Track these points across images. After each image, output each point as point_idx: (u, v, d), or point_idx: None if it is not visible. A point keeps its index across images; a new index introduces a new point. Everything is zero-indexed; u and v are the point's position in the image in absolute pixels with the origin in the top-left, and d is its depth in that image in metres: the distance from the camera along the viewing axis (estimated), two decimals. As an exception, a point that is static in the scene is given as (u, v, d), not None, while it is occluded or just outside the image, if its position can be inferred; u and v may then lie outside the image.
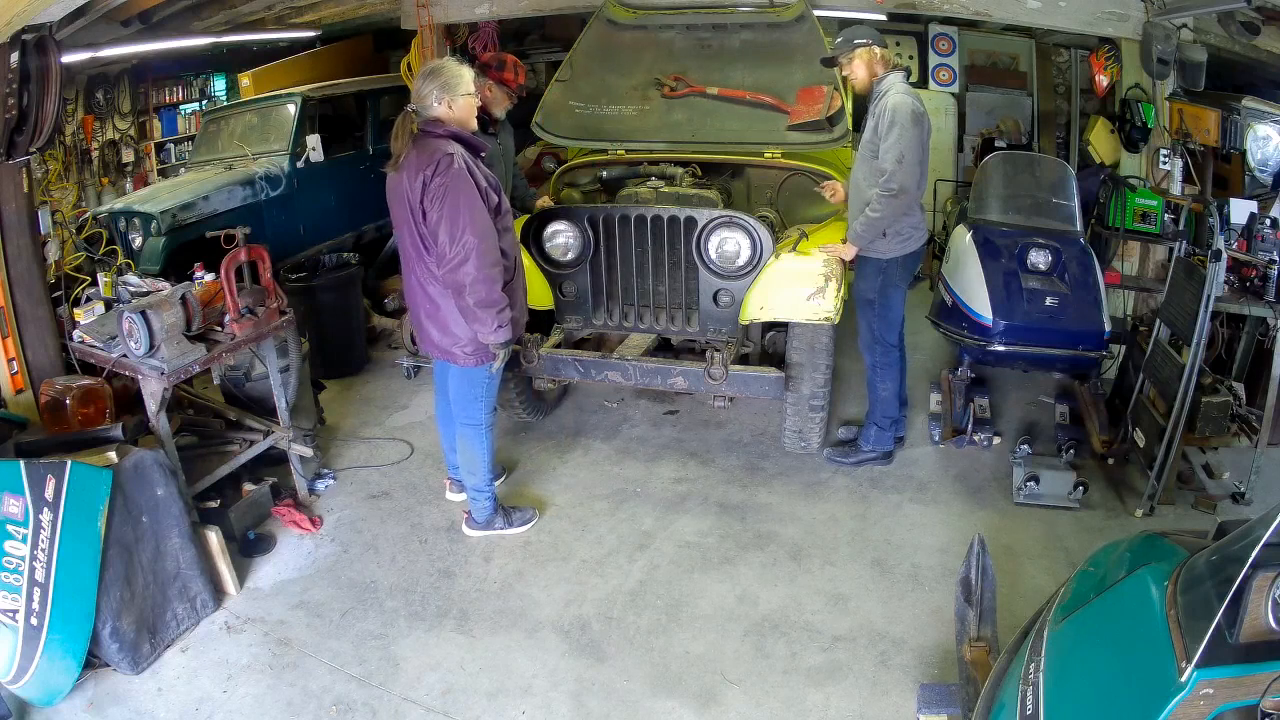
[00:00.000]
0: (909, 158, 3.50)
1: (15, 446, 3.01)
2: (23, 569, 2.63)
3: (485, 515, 3.64)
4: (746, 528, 3.68)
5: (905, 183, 3.52)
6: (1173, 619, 1.60)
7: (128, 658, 2.87)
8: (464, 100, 3.11)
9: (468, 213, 2.97)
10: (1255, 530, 1.59)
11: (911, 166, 3.52)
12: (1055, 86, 7.43)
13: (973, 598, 2.56)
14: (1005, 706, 1.86)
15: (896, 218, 3.63)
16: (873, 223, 3.62)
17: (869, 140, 3.65)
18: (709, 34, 4.94)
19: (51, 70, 3.50)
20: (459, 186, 2.96)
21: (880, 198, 3.55)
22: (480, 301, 3.06)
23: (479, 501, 3.62)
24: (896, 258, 3.76)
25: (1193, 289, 3.54)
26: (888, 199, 3.54)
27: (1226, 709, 1.45)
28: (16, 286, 3.61)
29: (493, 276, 3.04)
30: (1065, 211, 4.51)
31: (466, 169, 3.00)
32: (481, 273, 3.01)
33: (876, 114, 3.60)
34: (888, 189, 3.53)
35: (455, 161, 2.97)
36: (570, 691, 2.82)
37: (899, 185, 3.51)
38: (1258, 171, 4.72)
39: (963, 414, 4.30)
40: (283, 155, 6.09)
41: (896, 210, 3.58)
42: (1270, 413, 3.58)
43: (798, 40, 4.75)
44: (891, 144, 3.50)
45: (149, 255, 5.21)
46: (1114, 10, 4.87)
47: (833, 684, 2.82)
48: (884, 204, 3.55)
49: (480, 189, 3.03)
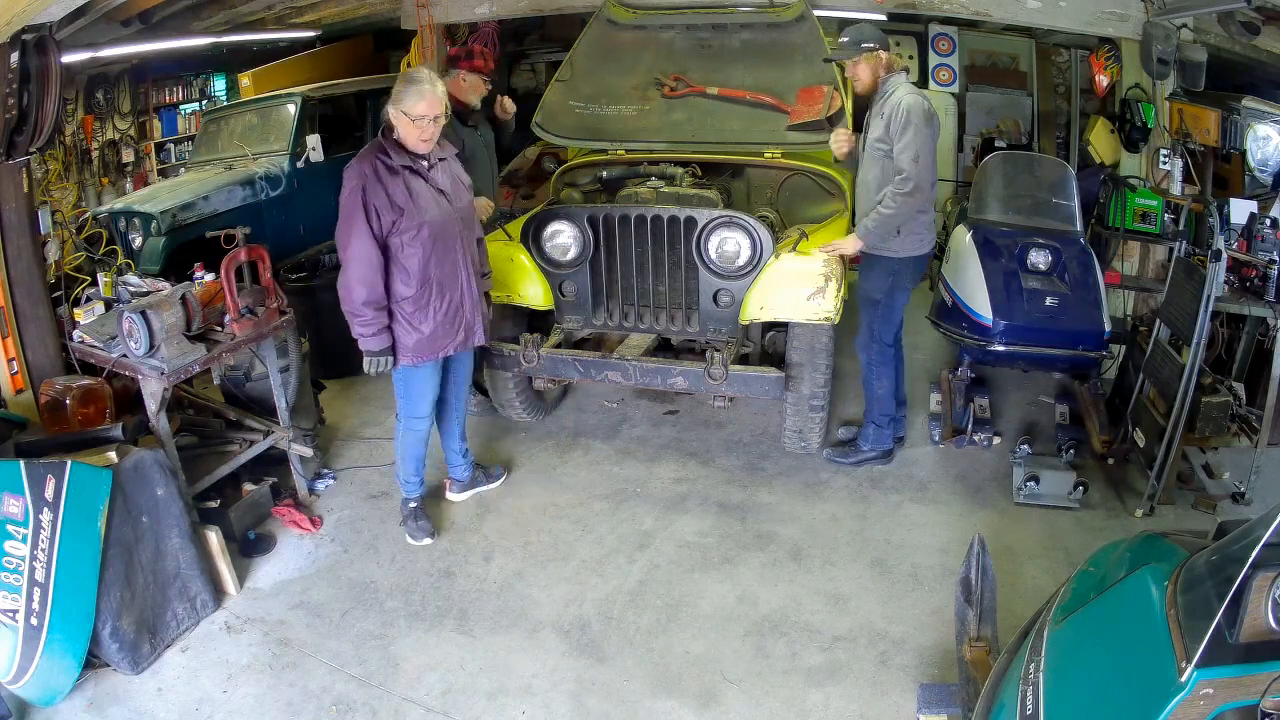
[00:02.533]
0: (924, 158, 3.51)
1: (15, 446, 3.01)
2: (23, 569, 2.63)
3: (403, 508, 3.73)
4: (746, 528, 3.68)
5: (922, 181, 3.52)
6: (1173, 619, 1.60)
7: (128, 658, 2.87)
8: (397, 114, 3.12)
9: (345, 229, 3.11)
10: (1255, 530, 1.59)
11: (927, 166, 3.54)
12: (1055, 86, 7.43)
13: (973, 598, 2.56)
14: (1005, 706, 1.86)
15: (910, 216, 3.62)
16: (885, 220, 3.60)
17: (878, 139, 3.64)
18: (709, 34, 4.95)
19: (51, 70, 3.49)
20: (343, 204, 3.12)
21: (895, 194, 3.55)
22: (346, 310, 3.21)
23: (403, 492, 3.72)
24: (909, 258, 3.76)
25: (1193, 289, 3.54)
26: (903, 197, 3.54)
27: (1226, 709, 1.45)
28: (16, 286, 3.61)
29: (352, 290, 3.14)
30: (1065, 211, 4.51)
31: (364, 187, 3.07)
32: (345, 285, 3.16)
33: (886, 114, 3.59)
34: (903, 187, 3.53)
35: (350, 181, 3.10)
36: (570, 691, 2.82)
37: (915, 183, 3.51)
38: (1258, 171, 4.72)
39: (963, 414, 4.30)
40: (283, 155, 6.09)
41: (911, 208, 3.58)
42: (1270, 413, 3.58)
43: (798, 40, 4.75)
44: (907, 143, 3.50)
45: (149, 255, 5.21)
46: (1114, 10, 4.88)
47: (833, 684, 2.82)
48: (899, 201, 3.55)
49: (371, 207, 3.08)
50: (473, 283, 3.40)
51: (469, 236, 3.40)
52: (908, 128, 3.50)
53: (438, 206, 3.22)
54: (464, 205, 3.38)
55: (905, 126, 3.50)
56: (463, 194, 3.39)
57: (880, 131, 3.62)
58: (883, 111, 3.62)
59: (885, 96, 3.64)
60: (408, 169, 3.16)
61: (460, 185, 3.39)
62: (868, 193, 3.75)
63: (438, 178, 3.25)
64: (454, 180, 3.35)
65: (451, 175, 3.36)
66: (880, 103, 3.66)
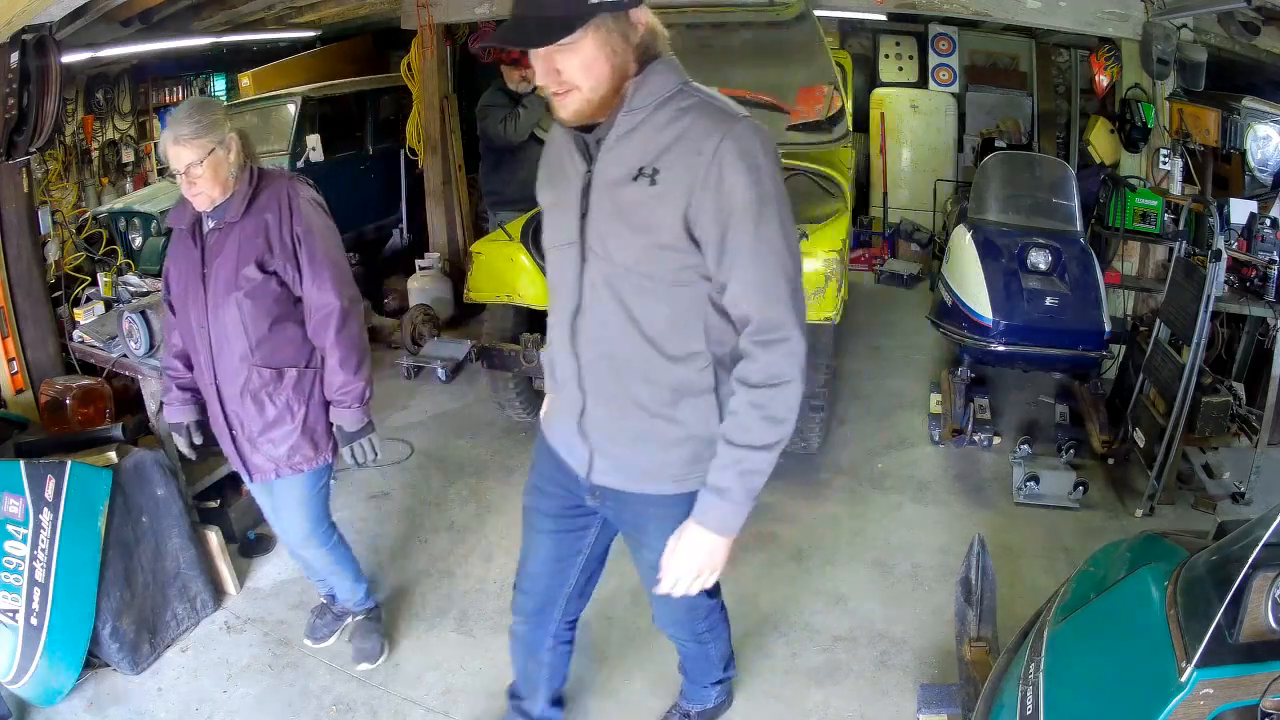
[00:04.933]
0: (795, 247, 1.65)
1: (15, 446, 3.01)
2: (23, 569, 2.63)
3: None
4: (746, 528, 3.66)
5: (802, 314, 1.65)
6: (1173, 619, 1.60)
7: (128, 658, 2.86)
8: None
9: None
10: (1255, 530, 1.59)
11: (795, 260, 1.65)
12: (1055, 86, 7.43)
13: (973, 598, 2.56)
14: (1005, 706, 1.86)
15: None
16: (775, 427, 1.67)
17: (646, 232, 1.63)
18: (709, 33, 4.94)
19: (51, 70, 3.49)
20: None
21: (777, 371, 1.64)
22: None
23: None
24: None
25: (1193, 289, 3.54)
26: (793, 365, 1.65)
27: (1226, 709, 1.45)
28: (16, 286, 3.60)
29: None
30: (1065, 211, 4.51)
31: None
32: None
33: (670, 164, 1.59)
34: (786, 348, 1.63)
35: None
36: (570, 691, 2.82)
37: (801, 324, 1.64)
38: (1258, 171, 4.72)
39: (963, 414, 4.30)
40: (283, 155, 6.08)
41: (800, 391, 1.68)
42: (1270, 413, 3.58)
43: (798, 39, 4.74)
44: (764, 238, 1.58)
45: (149, 255, 5.21)
46: (1114, 10, 4.87)
47: (833, 684, 2.82)
48: (791, 377, 1.65)
49: None
50: (239, 400, 2.46)
51: (234, 339, 2.41)
52: (755, 206, 1.55)
53: (191, 281, 2.43)
54: (230, 295, 2.36)
55: (749, 204, 1.55)
56: (244, 279, 2.35)
57: (644, 202, 1.61)
58: (656, 155, 1.59)
59: (648, 113, 1.60)
60: (191, 225, 2.46)
61: (245, 265, 2.34)
62: (600, 352, 1.76)
63: (213, 243, 2.39)
64: (238, 256, 2.35)
65: (238, 245, 2.35)
66: (636, 129, 1.61)
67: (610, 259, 1.67)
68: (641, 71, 1.61)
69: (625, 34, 1.57)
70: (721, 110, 1.60)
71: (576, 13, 1.49)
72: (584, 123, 1.64)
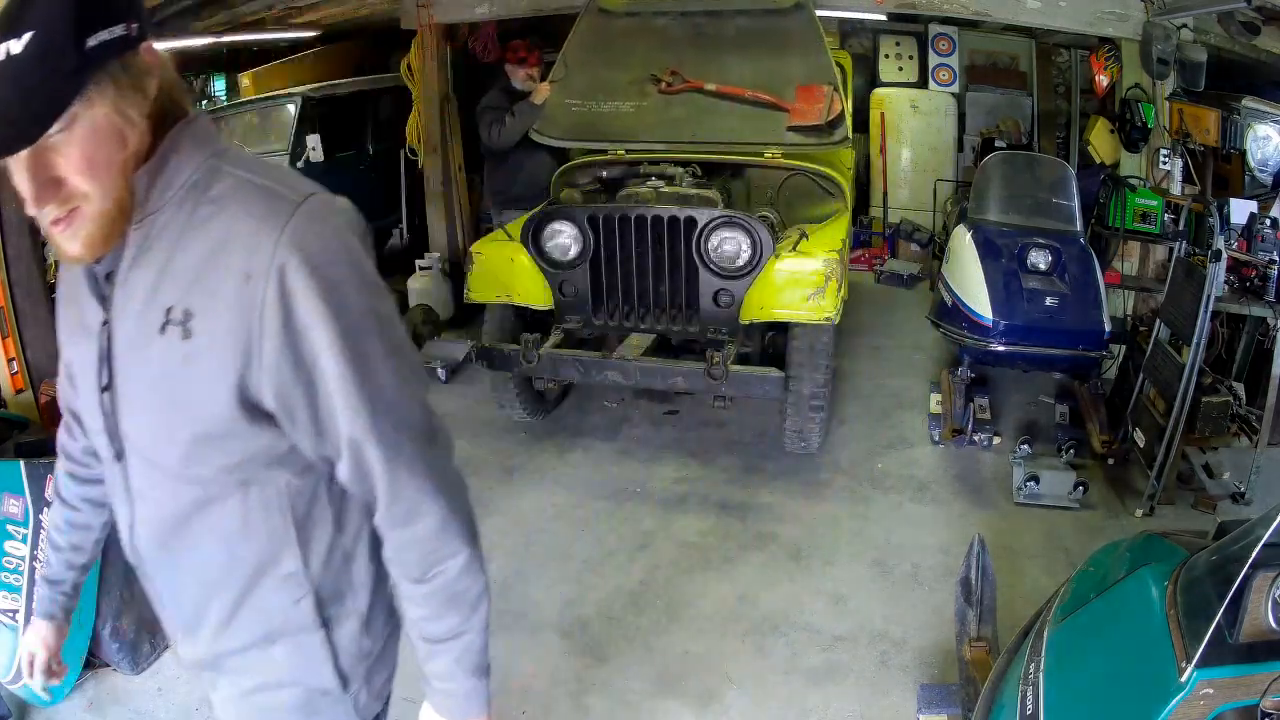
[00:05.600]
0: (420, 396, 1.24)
1: (15, 446, 3.01)
2: (23, 569, 2.63)
3: None
4: (747, 528, 3.68)
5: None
6: (1173, 619, 1.60)
7: (128, 658, 2.86)
8: None
9: None
10: (1255, 530, 1.59)
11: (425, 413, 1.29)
12: (1055, 86, 7.44)
13: (973, 598, 2.56)
14: (1005, 706, 1.86)
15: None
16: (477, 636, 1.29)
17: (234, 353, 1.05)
18: (704, 21, 4.90)
19: (51, 70, 3.49)
20: None
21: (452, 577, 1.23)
22: None
23: None
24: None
25: (1193, 289, 3.54)
26: (468, 575, 1.24)
27: (1226, 709, 1.45)
28: (16, 286, 3.60)
29: None
30: (1065, 211, 4.52)
31: None
32: None
33: (203, 297, 1.03)
34: (419, 509, 1.20)
35: None
36: (570, 691, 2.82)
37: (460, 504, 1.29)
38: (1258, 171, 4.73)
39: (963, 414, 4.30)
40: (282, 155, 6.09)
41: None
42: (1270, 413, 3.58)
43: (795, 29, 4.72)
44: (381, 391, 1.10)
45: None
46: (1114, 10, 4.88)
47: (833, 684, 2.82)
48: (472, 582, 1.25)
49: None
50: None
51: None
52: (348, 346, 1.03)
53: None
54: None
55: (337, 348, 1.02)
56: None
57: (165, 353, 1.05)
58: (186, 287, 1.02)
59: (168, 215, 1.03)
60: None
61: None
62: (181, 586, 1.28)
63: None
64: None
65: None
66: (151, 243, 1.03)
67: (155, 462, 1.10)
68: (158, 147, 1.02)
69: (141, 88, 1.00)
70: (269, 193, 1.02)
71: (66, 73, 0.89)
72: (106, 252, 1.02)
